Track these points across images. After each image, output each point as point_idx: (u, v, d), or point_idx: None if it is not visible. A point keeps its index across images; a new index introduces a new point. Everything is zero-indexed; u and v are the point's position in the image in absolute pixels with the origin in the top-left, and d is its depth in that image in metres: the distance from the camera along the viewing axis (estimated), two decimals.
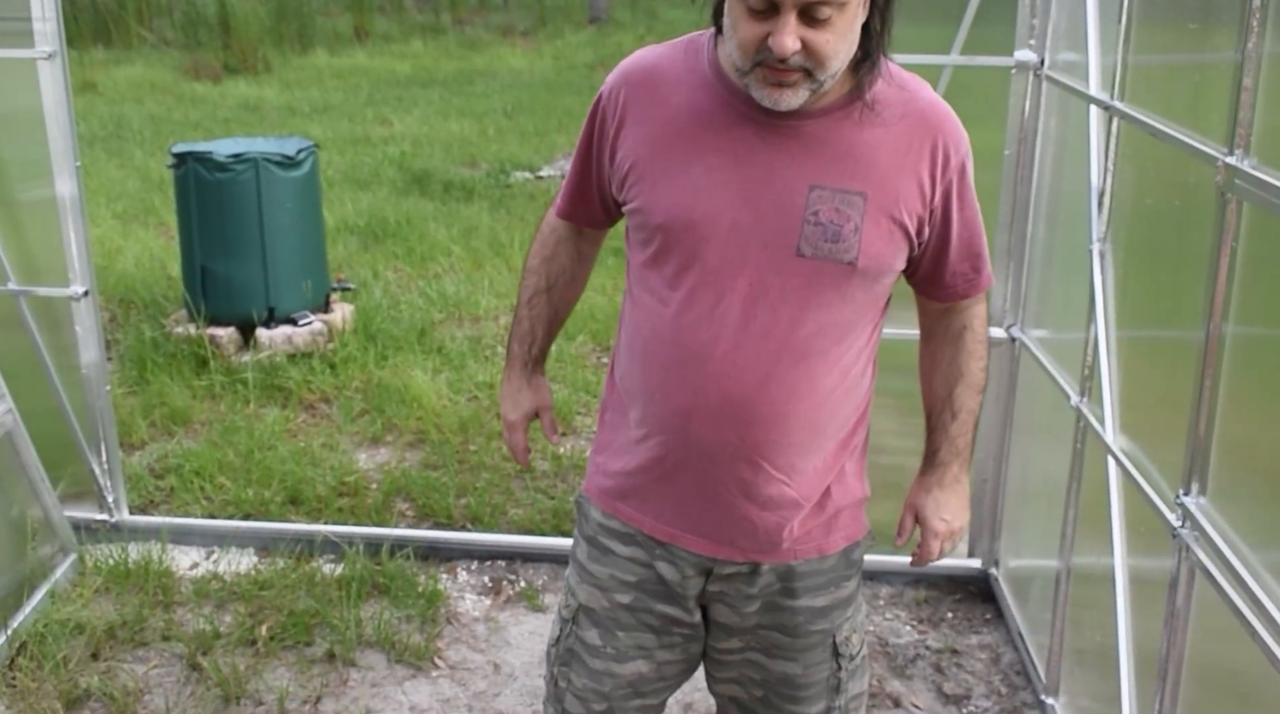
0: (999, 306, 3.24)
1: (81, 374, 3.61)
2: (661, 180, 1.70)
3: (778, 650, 1.88)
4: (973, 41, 3.03)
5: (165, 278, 6.07)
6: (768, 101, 1.58)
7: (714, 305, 1.68)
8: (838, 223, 1.64)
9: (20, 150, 3.52)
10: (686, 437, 1.73)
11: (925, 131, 1.67)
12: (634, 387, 1.81)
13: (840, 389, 1.75)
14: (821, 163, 1.65)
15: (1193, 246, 2.02)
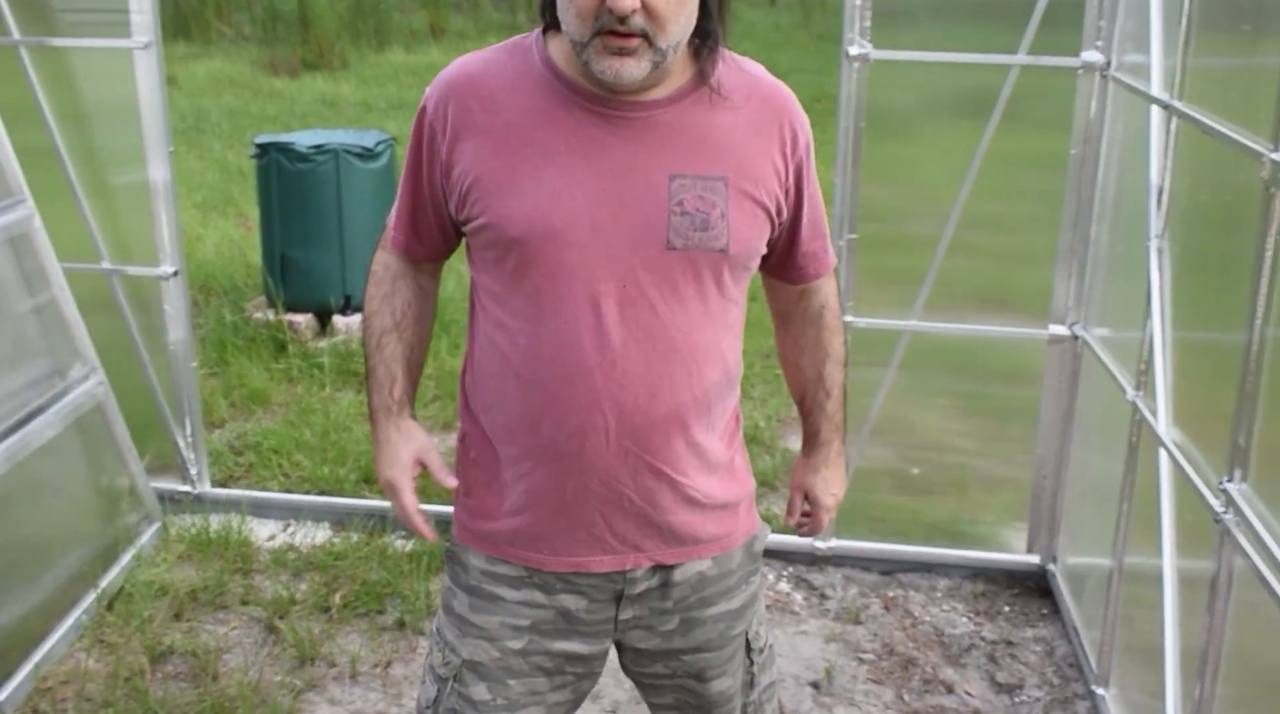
0: (1062, 304, 3.34)
1: (169, 351, 3.84)
2: (510, 191, 1.62)
3: (710, 671, 1.87)
4: (1038, 43, 3.13)
5: (244, 265, 6.32)
6: (609, 73, 1.52)
7: (589, 313, 1.62)
8: (704, 210, 1.62)
9: (115, 137, 3.75)
10: (583, 461, 1.68)
11: (773, 112, 1.69)
12: (509, 420, 1.72)
13: (724, 381, 1.75)
14: (678, 151, 1.62)
15: (1242, 242, 2.12)
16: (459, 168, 1.65)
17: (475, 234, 1.68)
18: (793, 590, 3.59)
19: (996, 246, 3.50)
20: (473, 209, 1.65)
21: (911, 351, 3.51)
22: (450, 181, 1.68)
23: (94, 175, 3.73)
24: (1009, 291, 3.56)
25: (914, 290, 3.41)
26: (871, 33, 3.18)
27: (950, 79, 3.37)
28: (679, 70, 1.62)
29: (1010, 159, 3.36)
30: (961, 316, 3.45)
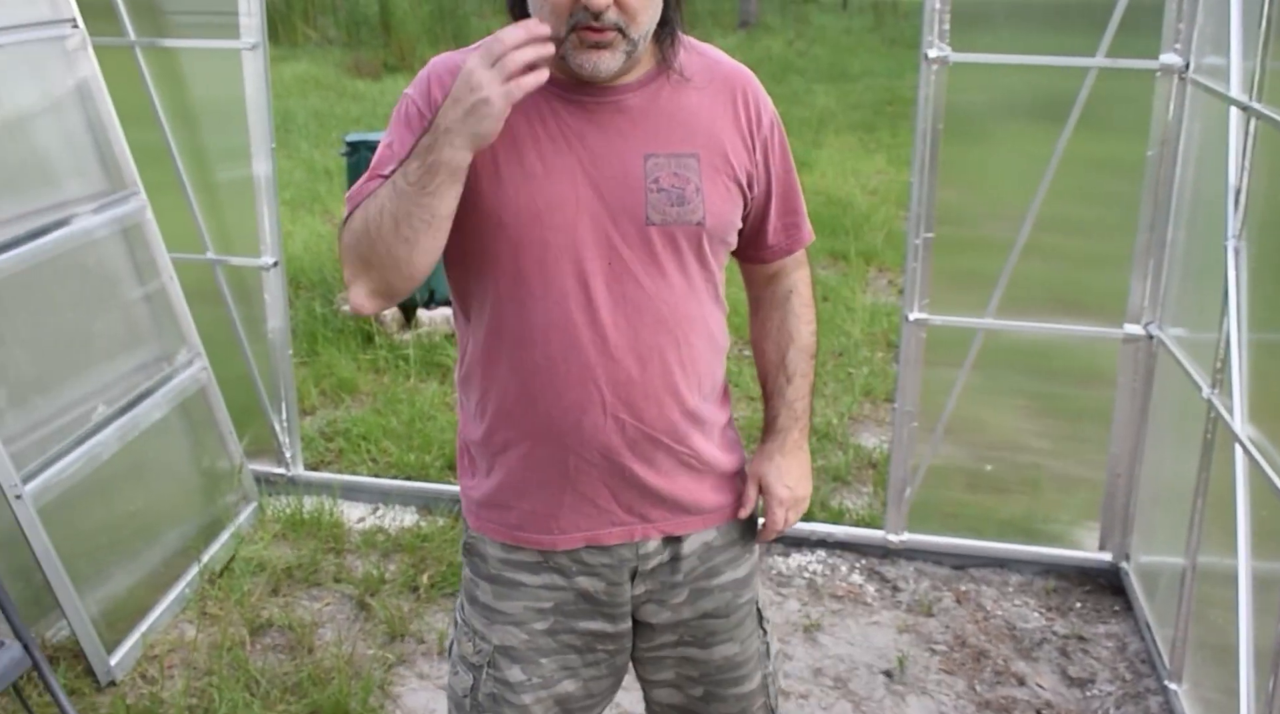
0: (1138, 303, 3.36)
1: (268, 339, 3.99)
2: (494, 178, 1.66)
3: (713, 637, 1.91)
4: (1116, 46, 3.16)
5: (332, 260, 6.50)
6: (587, 67, 1.58)
7: (578, 290, 1.67)
8: (679, 186, 1.68)
9: (221, 134, 3.91)
10: (581, 435, 1.72)
11: (733, 91, 1.75)
12: (506, 403, 1.76)
13: (710, 351, 1.79)
14: (650, 132, 1.68)
15: None
16: None
17: (458, 226, 1.62)
18: (865, 582, 3.65)
19: (1071, 249, 3.53)
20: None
21: (985, 351, 3.55)
22: None
23: (201, 170, 3.89)
24: (1083, 293, 3.58)
25: (988, 291, 3.45)
26: (950, 35, 3.23)
27: (1027, 82, 3.40)
28: (644, 57, 1.68)
29: (1086, 162, 3.38)
30: (1036, 318, 3.49)
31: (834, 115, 11.09)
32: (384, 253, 1.58)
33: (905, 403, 3.61)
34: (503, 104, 1.50)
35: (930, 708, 3.10)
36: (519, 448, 1.77)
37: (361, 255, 1.61)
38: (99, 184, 3.53)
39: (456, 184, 1.56)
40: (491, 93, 1.49)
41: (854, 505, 4.07)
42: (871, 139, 10.26)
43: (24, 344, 3.19)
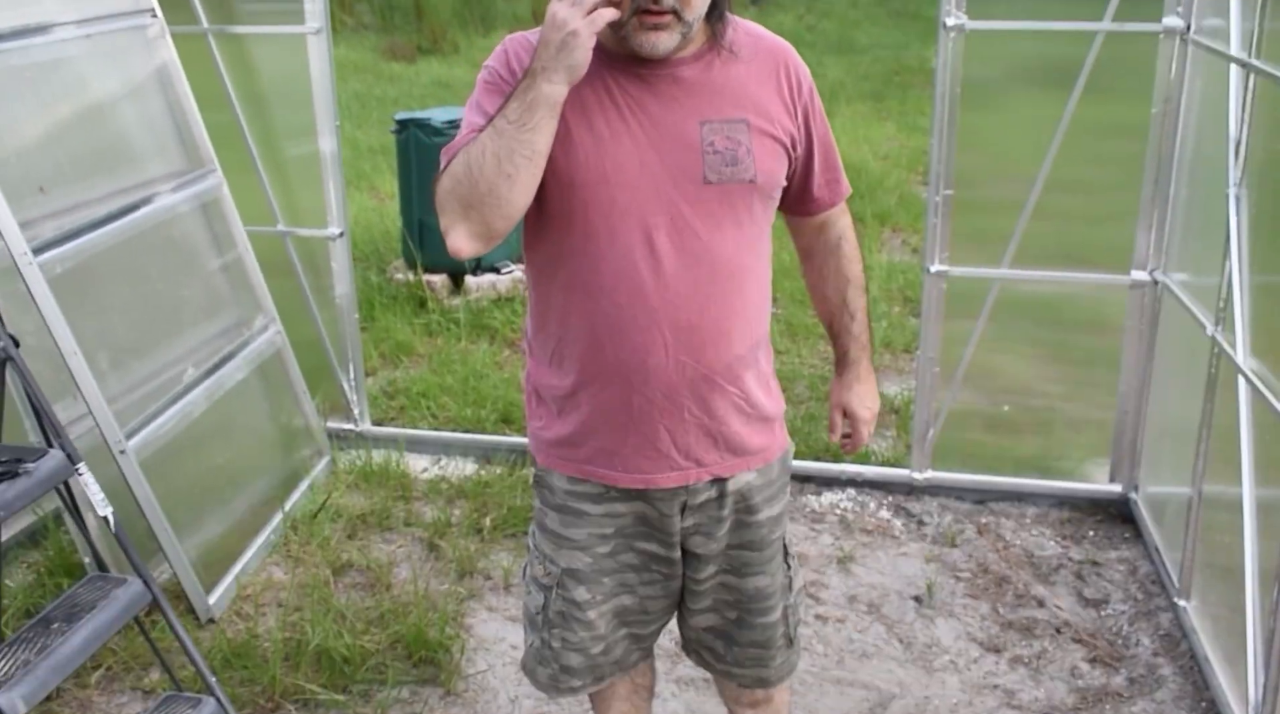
0: (1143, 252, 3.45)
1: (335, 305, 4.11)
2: (564, 143, 1.74)
3: (748, 568, 2.03)
4: (1120, 12, 3.23)
5: (382, 232, 6.61)
6: (646, 46, 1.71)
7: (642, 243, 1.77)
8: (732, 148, 1.78)
9: (288, 114, 4.01)
10: (646, 376, 1.82)
11: (776, 63, 1.86)
12: (576, 347, 1.86)
13: (761, 301, 1.91)
14: (704, 100, 1.79)
15: None
16: None
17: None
18: (892, 517, 3.76)
19: (1079, 208, 3.60)
20: None
21: (1000, 303, 3.64)
22: None
23: (270, 148, 4.00)
24: (1092, 246, 3.65)
25: (1003, 246, 3.54)
26: (966, 4, 3.30)
27: (1038, 48, 3.47)
28: (696, 34, 1.80)
29: (1093, 126, 3.45)
30: (1047, 269, 3.57)
31: (844, 86, 11.10)
32: (486, 191, 1.66)
33: (927, 350, 3.71)
34: (588, 34, 1.62)
35: (958, 629, 3.22)
36: (589, 390, 1.87)
37: (462, 198, 1.68)
38: (180, 163, 3.65)
39: (553, 119, 1.67)
40: (578, 25, 1.62)
41: (879, 448, 4.18)
42: (882, 108, 10.28)
43: (120, 312, 3.32)
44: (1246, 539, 2.67)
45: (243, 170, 3.92)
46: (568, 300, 1.85)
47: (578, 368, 1.87)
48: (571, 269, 1.82)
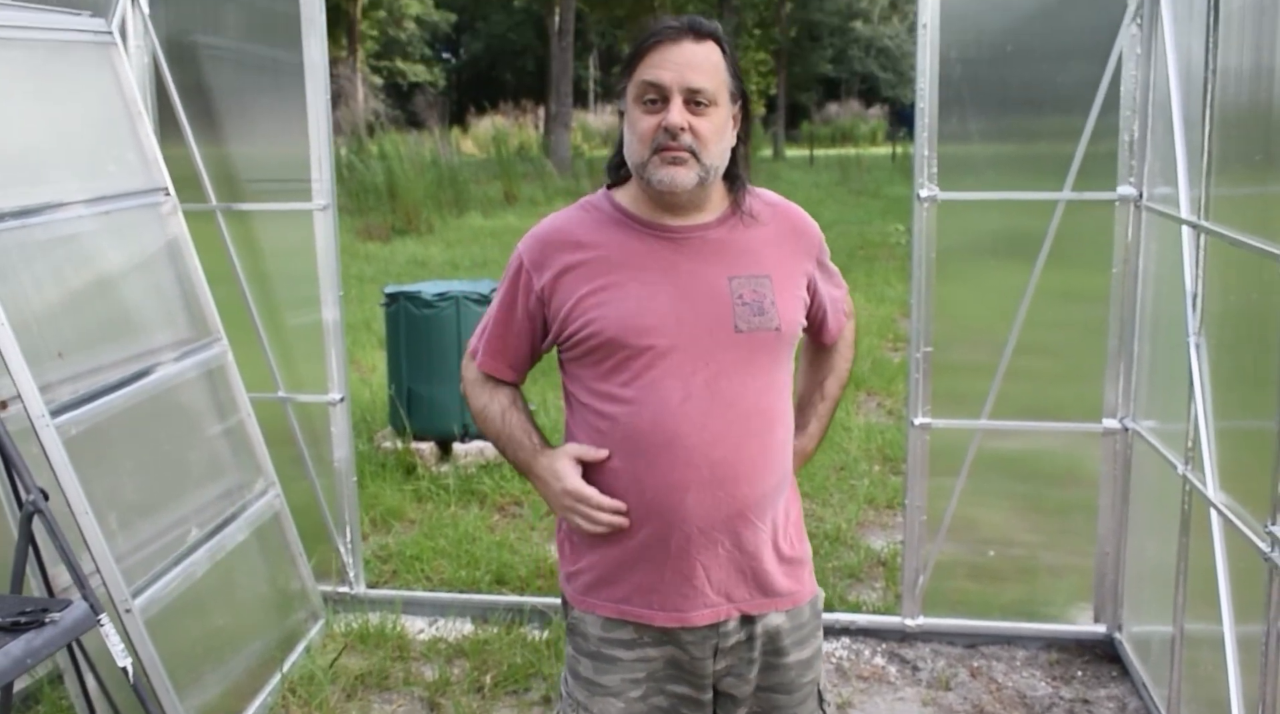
0: (1113, 401, 3.65)
1: (334, 467, 4.22)
2: (605, 304, 1.96)
3: (778, 711, 2.13)
4: (1079, 183, 3.52)
5: (369, 402, 6.76)
6: (667, 181, 1.91)
7: (680, 389, 1.94)
8: (758, 299, 1.98)
9: (291, 286, 4.20)
10: (684, 512, 1.95)
11: (791, 225, 2.11)
12: (615, 487, 1.98)
13: (787, 440, 2.08)
14: (730, 259, 2.00)
15: (1268, 330, 2.45)
16: (558, 297, 2.01)
17: (577, 345, 1.99)
18: (887, 664, 3.84)
19: (1050, 367, 3.83)
20: (575, 324, 1.98)
21: (980, 459, 3.82)
22: (550, 310, 2.02)
23: (273, 318, 4.17)
24: (1064, 402, 3.84)
25: (979, 403, 3.74)
26: (938, 178, 3.59)
27: (1003, 219, 3.73)
28: (719, 202, 2.04)
29: (1058, 293, 3.71)
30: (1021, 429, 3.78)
31: None
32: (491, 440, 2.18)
33: (914, 499, 3.86)
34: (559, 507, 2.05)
35: None
36: (629, 527, 2.00)
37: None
38: (187, 332, 3.81)
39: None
40: (556, 506, 2.05)
41: (868, 599, 4.28)
42: (849, 279, 10.61)
43: (129, 473, 3.42)
44: (1230, 673, 2.78)
45: (247, 339, 4.09)
46: (606, 441, 1.99)
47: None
48: (611, 413, 1.98)
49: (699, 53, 1.92)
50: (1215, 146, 2.89)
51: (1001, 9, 3.56)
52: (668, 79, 1.90)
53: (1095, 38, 3.45)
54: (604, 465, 2.00)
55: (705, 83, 1.91)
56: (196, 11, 4.02)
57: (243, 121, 4.10)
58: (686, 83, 1.90)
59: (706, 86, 1.91)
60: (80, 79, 3.66)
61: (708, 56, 1.93)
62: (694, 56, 1.91)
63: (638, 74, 1.94)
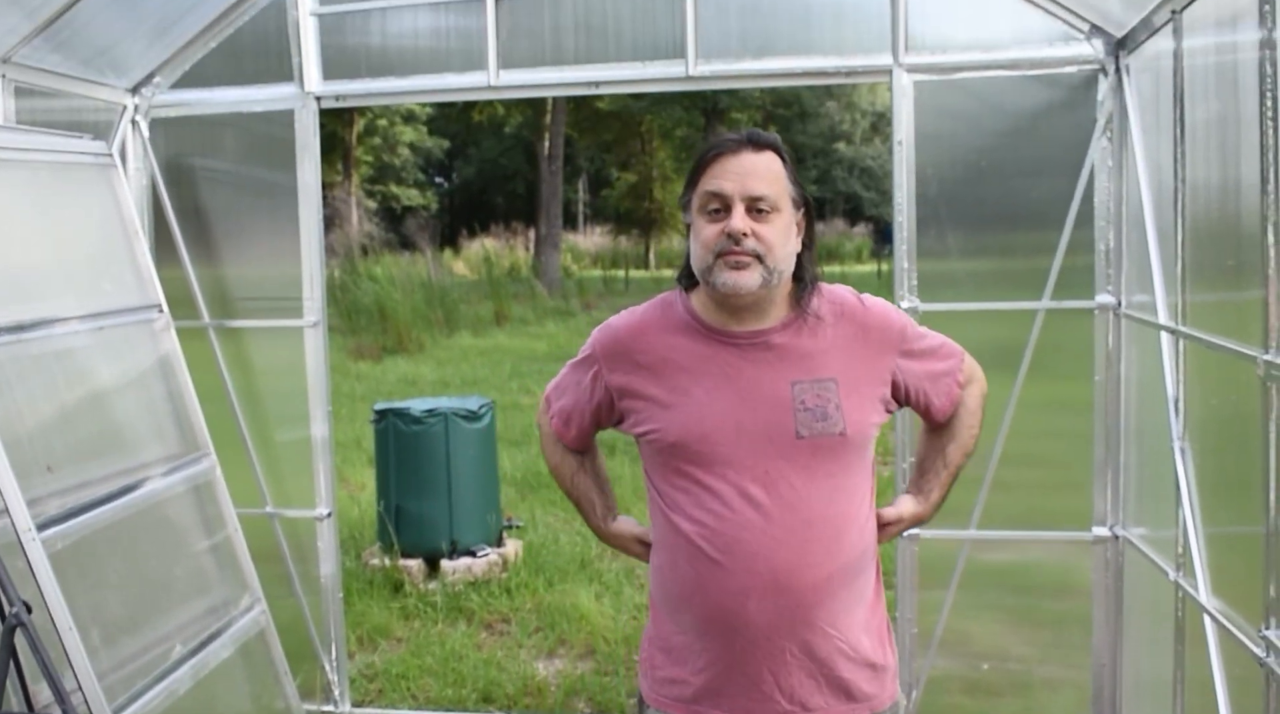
0: (1102, 509, 3.65)
1: (321, 584, 4.18)
2: (669, 408, 2.00)
3: None
4: (1057, 292, 3.59)
5: (357, 520, 6.71)
6: (730, 284, 1.93)
7: (740, 496, 1.95)
8: (821, 404, 1.97)
9: (281, 402, 4.22)
10: (746, 618, 1.95)
11: (861, 324, 2.06)
12: (682, 589, 2.02)
13: (861, 548, 2.02)
14: (794, 364, 2.00)
15: (1250, 432, 2.47)
16: (627, 398, 2.08)
17: (642, 441, 2.07)
18: None
19: (1037, 477, 3.84)
20: (640, 424, 2.06)
21: (970, 572, 3.80)
22: (620, 404, 2.10)
23: (262, 433, 4.18)
24: (1053, 512, 3.83)
25: (967, 514, 3.74)
26: (919, 290, 3.65)
27: (984, 330, 3.77)
28: (784, 306, 2.04)
29: (1041, 403, 3.74)
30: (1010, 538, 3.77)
31: None
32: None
33: (905, 612, 3.83)
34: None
35: None
36: (696, 631, 2.01)
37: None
38: (177, 447, 3.80)
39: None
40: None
41: None
42: None
43: (114, 589, 3.38)
44: None
45: (236, 454, 4.08)
46: (675, 545, 2.02)
47: (683, 607, 2.03)
48: (676, 515, 2.01)
49: (759, 162, 1.97)
50: (1189, 255, 2.95)
51: (975, 127, 3.67)
52: (729, 188, 1.94)
53: (1067, 152, 3.55)
54: (673, 567, 2.03)
55: (766, 189, 1.95)
56: (195, 135, 4.12)
57: (237, 241, 4.17)
58: (748, 191, 1.94)
59: (768, 193, 1.95)
60: (80, 199, 3.73)
61: (769, 166, 1.97)
62: (755, 166, 1.96)
63: (701, 185, 1.99)
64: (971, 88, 3.63)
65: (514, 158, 30.60)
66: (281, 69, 3.93)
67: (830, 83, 3.78)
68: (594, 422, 2.18)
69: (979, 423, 2.26)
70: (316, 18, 3.89)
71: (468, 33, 3.80)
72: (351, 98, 3.96)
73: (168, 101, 4.02)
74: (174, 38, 3.93)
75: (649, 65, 3.70)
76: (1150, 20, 3.15)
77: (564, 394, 2.22)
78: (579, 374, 2.17)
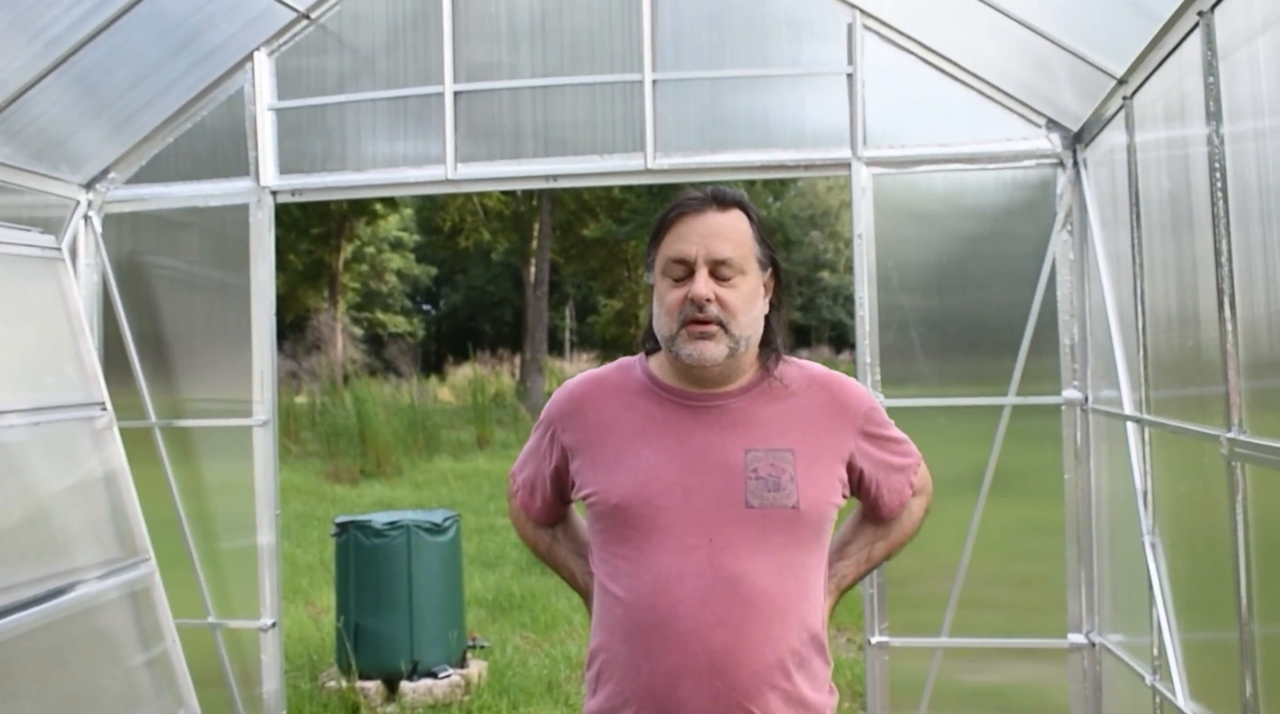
0: (1076, 615, 3.51)
1: (263, 701, 3.98)
2: (614, 469, 1.88)
3: None
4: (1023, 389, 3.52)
5: (316, 644, 6.48)
6: (695, 355, 1.83)
7: (681, 565, 1.81)
8: (775, 474, 1.83)
9: (228, 506, 4.09)
10: (678, 700, 1.79)
11: (829, 397, 1.93)
12: (617, 661, 1.87)
13: (808, 633, 1.86)
14: (751, 430, 1.86)
15: (1218, 519, 2.37)
16: (578, 459, 1.96)
17: (587, 505, 1.94)
18: None
19: (1007, 597, 3.70)
20: (585, 486, 1.93)
21: (944, 692, 3.64)
22: (571, 465, 1.98)
23: (207, 540, 4.04)
24: (1025, 626, 3.69)
25: (939, 623, 3.61)
26: (882, 385, 3.57)
27: (949, 429, 3.68)
28: (749, 370, 1.92)
29: (1008, 526, 3.64)
30: (985, 660, 3.62)
31: None
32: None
33: None
34: None
35: None
36: (624, 712, 1.85)
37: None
38: (114, 551, 3.66)
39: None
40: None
41: None
42: None
43: (34, 698, 3.20)
44: None
45: (178, 560, 3.94)
46: (611, 614, 1.88)
47: (615, 687, 1.87)
48: (615, 585, 1.87)
49: (724, 222, 1.87)
50: (1150, 344, 2.90)
51: (935, 225, 3.64)
52: (691, 252, 1.85)
53: (1029, 246, 3.53)
54: (609, 643, 1.89)
55: (730, 252, 1.85)
56: (149, 233, 4.09)
57: (189, 340, 4.09)
58: (711, 253, 1.84)
59: (732, 256, 1.85)
60: (25, 292, 3.67)
61: (734, 226, 1.88)
62: (719, 226, 1.86)
63: (663, 248, 1.89)
64: (931, 184, 3.62)
65: (501, 285, 30.84)
66: (238, 164, 3.92)
67: (789, 175, 3.78)
68: (555, 489, 2.06)
69: (914, 533, 2.12)
70: (274, 112, 3.90)
71: (426, 126, 3.80)
72: (308, 191, 3.93)
73: (122, 197, 4.00)
74: (131, 132, 3.93)
75: (608, 158, 3.70)
76: (1103, 112, 3.16)
77: (525, 465, 2.11)
78: (537, 438, 2.07)
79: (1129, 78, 2.90)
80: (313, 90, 3.92)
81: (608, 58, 3.75)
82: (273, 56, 3.91)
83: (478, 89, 3.79)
